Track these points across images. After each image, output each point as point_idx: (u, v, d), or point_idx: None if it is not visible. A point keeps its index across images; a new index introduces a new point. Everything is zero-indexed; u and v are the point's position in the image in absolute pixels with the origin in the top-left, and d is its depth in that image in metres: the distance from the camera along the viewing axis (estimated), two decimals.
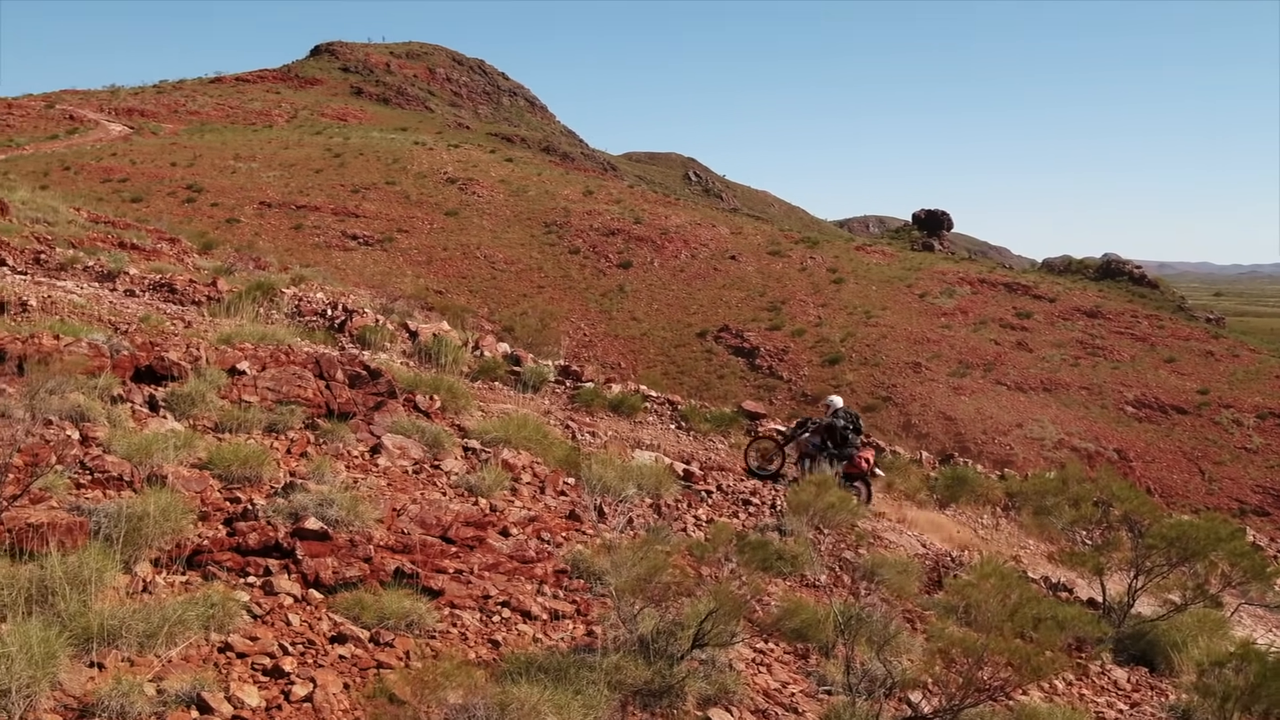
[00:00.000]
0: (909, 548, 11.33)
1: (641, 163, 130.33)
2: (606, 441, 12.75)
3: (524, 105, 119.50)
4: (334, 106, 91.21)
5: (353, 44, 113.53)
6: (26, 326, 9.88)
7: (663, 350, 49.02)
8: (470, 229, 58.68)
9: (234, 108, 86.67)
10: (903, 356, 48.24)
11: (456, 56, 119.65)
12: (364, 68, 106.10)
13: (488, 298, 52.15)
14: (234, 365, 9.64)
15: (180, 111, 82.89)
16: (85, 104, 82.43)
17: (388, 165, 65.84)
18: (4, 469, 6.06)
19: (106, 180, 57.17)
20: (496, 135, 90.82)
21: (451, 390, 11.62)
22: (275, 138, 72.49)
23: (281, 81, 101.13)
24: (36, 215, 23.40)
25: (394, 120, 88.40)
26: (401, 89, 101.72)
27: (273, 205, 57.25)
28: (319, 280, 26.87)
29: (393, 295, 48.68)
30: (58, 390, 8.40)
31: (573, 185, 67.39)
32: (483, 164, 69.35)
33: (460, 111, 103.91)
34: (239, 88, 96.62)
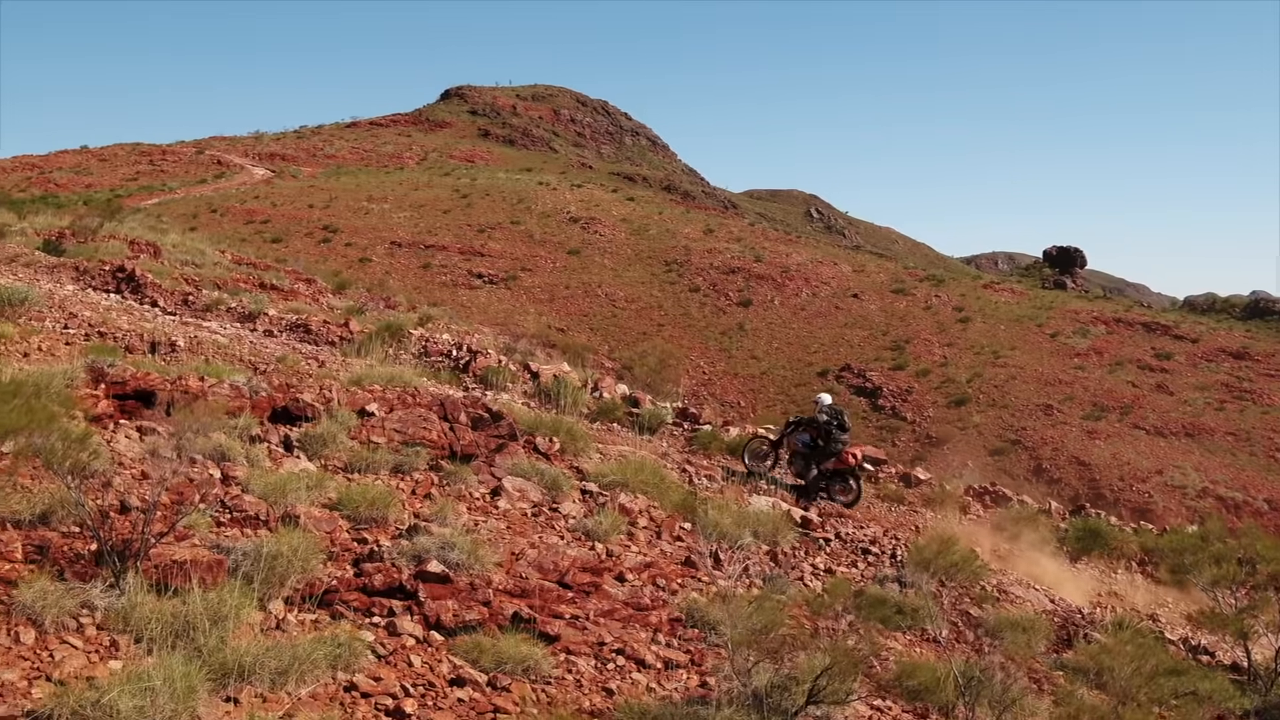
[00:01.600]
0: (1036, 603, 10.98)
1: (762, 200, 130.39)
2: (723, 486, 12.74)
3: (646, 145, 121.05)
4: (462, 148, 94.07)
5: (481, 87, 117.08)
6: (175, 368, 10.46)
7: (783, 389, 48.72)
8: (592, 267, 59.57)
9: (368, 151, 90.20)
10: (1033, 398, 46.82)
11: (580, 98, 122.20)
12: (491, 110, 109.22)
13: (608, 335, 52.79)
14: (363, 407, 10.03)
15: (318, 155, 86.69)
16: (232, 149, 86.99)
17: (513, 205, 67.42)
18: (153, 506, 6.44)
19: (249, 222, 60.07)
20: (618, 175, 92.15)
21: (571, 432, 11.81)
22: (406, 179, 75.06)
23: (413, 125, 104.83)
24: (186, 258, 24.75)
25: (519, 161, 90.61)
26: (527, 130, 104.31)
27: (403, 245, 59.18)
28: (445, 319, 27.67)
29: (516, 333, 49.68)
30: (202, 430, 8.88)
31: (693, 224, 67.82)
32: (605, 203, 70.41)
33: (583, 152, 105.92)
34: (373, 131, 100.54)
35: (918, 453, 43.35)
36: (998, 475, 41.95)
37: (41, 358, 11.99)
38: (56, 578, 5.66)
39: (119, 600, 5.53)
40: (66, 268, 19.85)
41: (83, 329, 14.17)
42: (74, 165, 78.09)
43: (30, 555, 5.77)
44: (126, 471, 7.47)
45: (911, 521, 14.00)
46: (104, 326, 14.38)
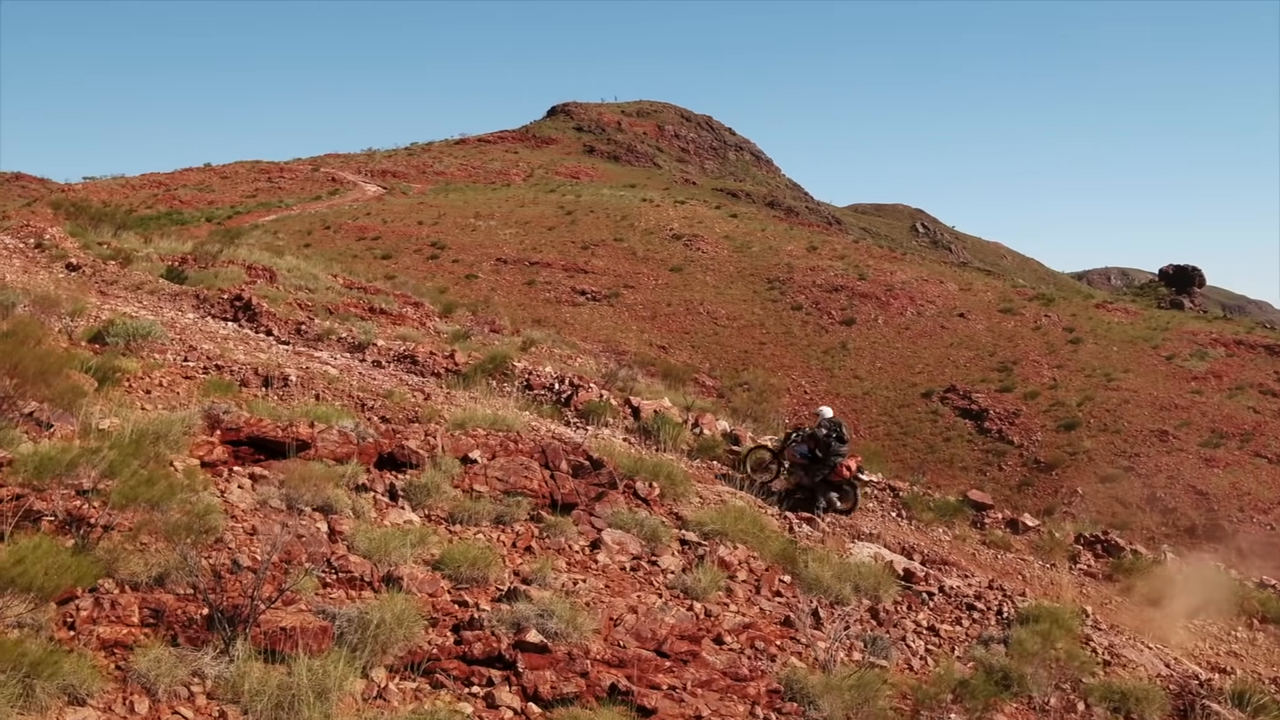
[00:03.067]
0: (1150, 667, 10.50)
1: (867, 214, 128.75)
2: (824, 534, 12.54)
3: (750, 160, 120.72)
4: (567, 165, 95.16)
5: (586, 104, 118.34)
6: (286, 410, 10.74)
7: (885, 410, 47.93)
8: (694, 285, 59.55)
9: (476, 168, 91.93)
10: (1147, 423, 45.02)
11: (685, 113, 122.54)
12: (596, 126, 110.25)
13: (709, 353, 52.69)
14: (466, 454, 10.15)
15: (428, 172, 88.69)
16: (345, 166, 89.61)
17: (616, 222, 67.86)
18: (264, 567, 6.61)
19: (361, 238, 61.70)
20: (722, 191, 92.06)
21: (670, 477, 11.78)
22: (512, 196, 76.23)
23: (520, 141, 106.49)
24: (299, 282, 25.53)
25: (623, 177, 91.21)
26: (631, 146, 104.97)
27: (508, 261, 60.03)
28: (548, 343, 27.95)
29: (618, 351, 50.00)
30: (310, 477, 9.10)
31: (796, 241, 67.30)
32: (707, 220, 70.39)
33: (687, 167, 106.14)
34: (481, 148, 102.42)
35: (1025, 478, 42.20)
36: (1109, 503, 40.51)
37: (162, 394, 12.47)
38: (170, 643, 5.84)
39: (229, 669, 5.67)
40: (188, 295, 20.65)
41: (201, 362, 14.70)
42: (197, 183, 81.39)
43: (146, 619, 5.96)
44: (238, 525, 7.68)
45: (1019, 570, 13.58)
46: (221, 360, 14.89)
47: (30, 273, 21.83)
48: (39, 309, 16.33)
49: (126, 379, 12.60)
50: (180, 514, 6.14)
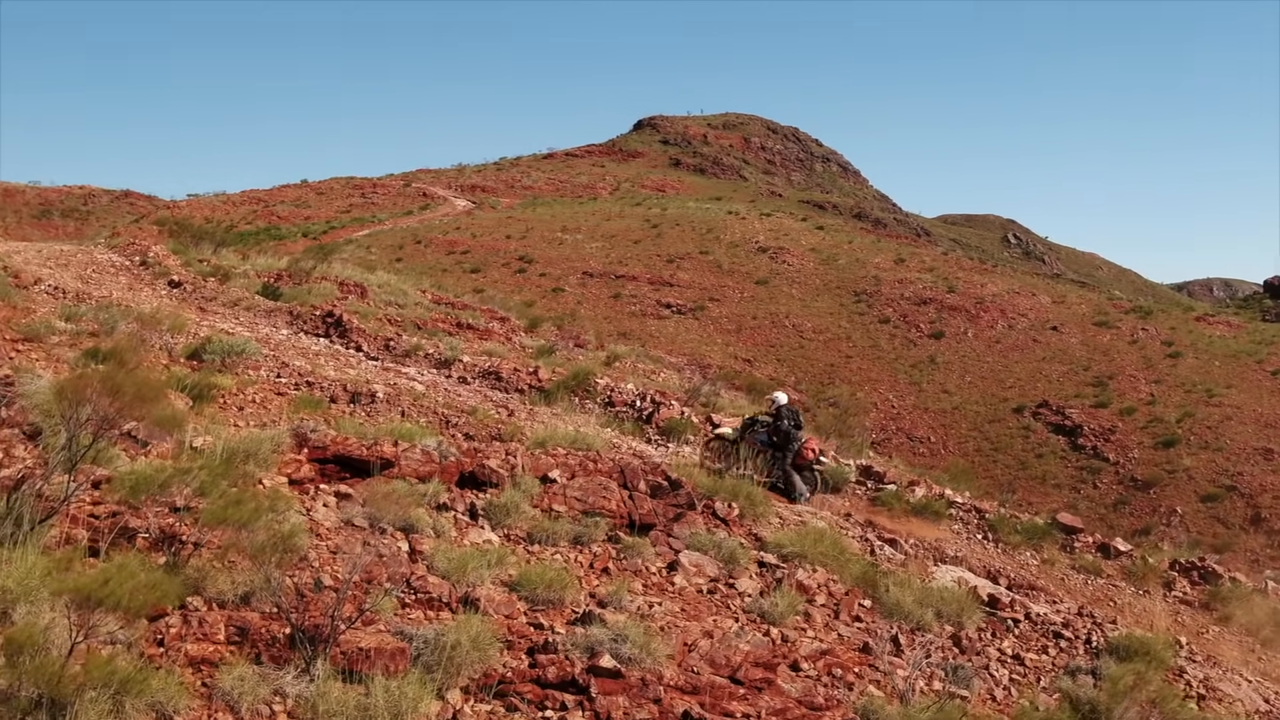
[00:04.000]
0: (1248, 702, 10.08)
1: (957, 225, 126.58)
2: (906, 556, 12.32)
3: (836, 171, 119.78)
4: (653, 178, 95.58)
5: (672, 117, 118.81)
6: (372, 428, 10.97)
7: (975, 425, 46.99)
8: (779, 298, 59.23)
9: (563, 182, 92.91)
10: (1251, 441, 43.26)
11: (771, 125, 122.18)
12: (682, 139, 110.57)
13: (795, 366, 52.33)
14: (546, 473, 10.25)
15: (516, 187, 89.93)
16: (436, 181, 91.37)
17: (701, 235, 67.87)
18: (346, 586, 6.76)
19: (451, 252, 62.78)
20: (808, 203, 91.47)
21: (750, 497, 11.71)
22: (599, 209, 76.79)
23: (606, 155, 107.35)
24: (389, 298, 26.08)
25: (709, 190, 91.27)
26: (717, 159, 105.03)
27: (594, 275, 60.45)
28: (632, 358, 28.04)
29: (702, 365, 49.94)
30: (393, 495, 9.28)
31: (884, 253, 66.46)
32: (793, 232, 69.98)
33: (773, 179, 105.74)
34: (568, 162, 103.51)
35: (1121, 496, 40.95)
36: (1210, 524, 39.01)
37: (255, 410, 12.84)
38: (254, 661, 6.00)
39: (309, 688, 5.80)
40: (282, 312, 21.25)
41: (293, 378, 15.10)
42: (295, 199, 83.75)
43: (232, 637, 6.13)
44: (322, 544, 7.86)
45: (1109, 597, 13.16)
46: (312, 376, 15.28)
47: (135, 289, 22.72)
48: (142, 326, 16.98)
49: (221, 395, 13.00)
50: (265, 536, 6.31)
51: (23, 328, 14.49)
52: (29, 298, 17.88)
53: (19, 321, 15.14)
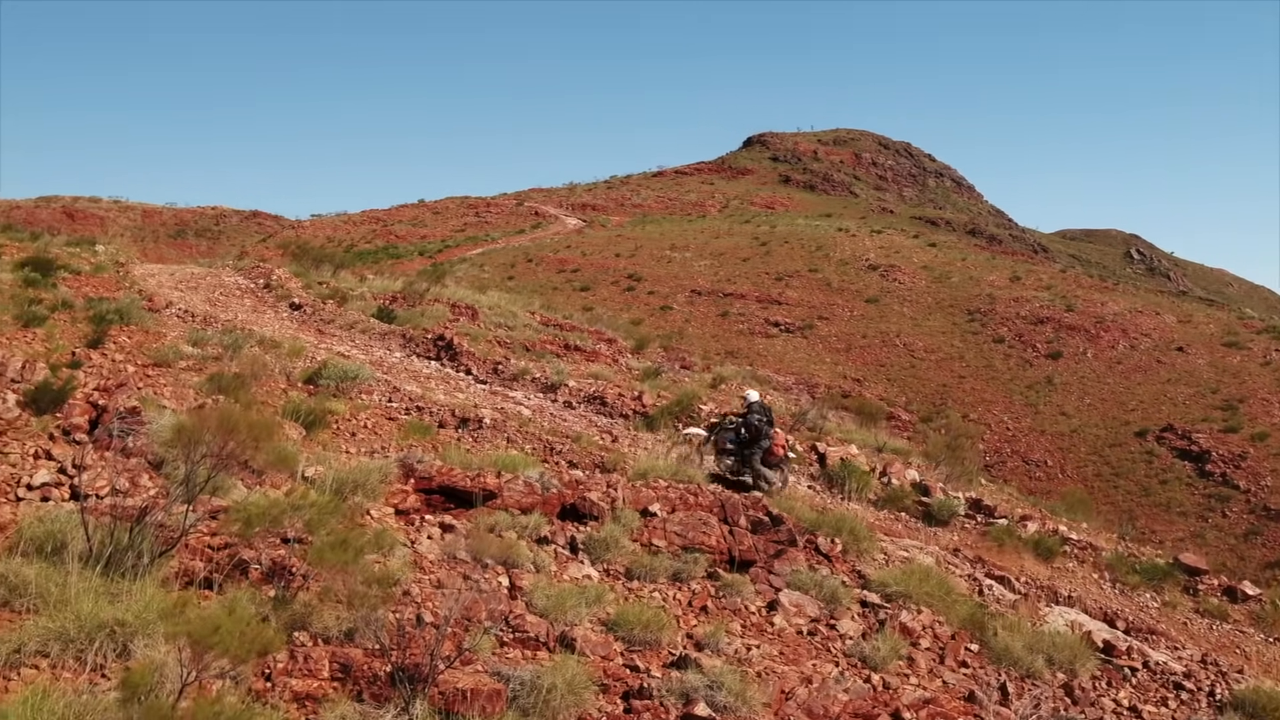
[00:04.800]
0: None
1: (1076, 240, 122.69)
2: (1017, 597, 11.93)
3: (950, 186, 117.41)
4: (762, 195, 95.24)
5: (782, 134, 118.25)
6: (476, 458, 11.15)
7: (1094, 449, 45.35)
8: (890, 316, 58.31)
9: (672, 199, 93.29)
10: None
11: (883, 140, 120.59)
12: (792, 156, 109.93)
13: (905, 387, 51.41)
14: (646, 506, 10.26)
15: (626, 205, 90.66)
16: (548, 200, 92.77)
17: (811, 253, 67.32)
18: (446, 623, 6.88)
19: (561, 271, 63.58)
20: (920, 219, 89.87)
21: (854, 532, 11.52)
22: (707, 227, 76.84)
23: (716, 173, 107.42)
24: (499, 320, 26.54)
25: (819, 207, 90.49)
26: (827, 175, 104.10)
27: (702, 293, 60.47)
28: (738, 380, 27.92)
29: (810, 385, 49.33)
30: (496, 528, 9.42)
31: (999, 270, 64.84)
32: (905, 250, 68.85)
33: (884, 195, 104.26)
34: (677, 180, 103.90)
35: (1252, 526, 39.00)
36: None
37: (367, 435, 13.19)
38: (355, 699, 6.14)
39: None
40: (395, 334, 21.81)
41: (404, 403, 15.47)
42: (411, 218, 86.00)
43: (336, 673, 6.29)
44: (425, 577, 8.02)
45: (1236, 644, 12.51)
46: (422, 401, 15.63)
47: (259, 311, 23.62)
48: (263, 350, 17.65)
49: (335, 421, 13.40)
50: (364, 579, 6.47)
51: (153, 353, 15.21)
52: (160, 321, 18.74)
53: (150, 346, 15.90)
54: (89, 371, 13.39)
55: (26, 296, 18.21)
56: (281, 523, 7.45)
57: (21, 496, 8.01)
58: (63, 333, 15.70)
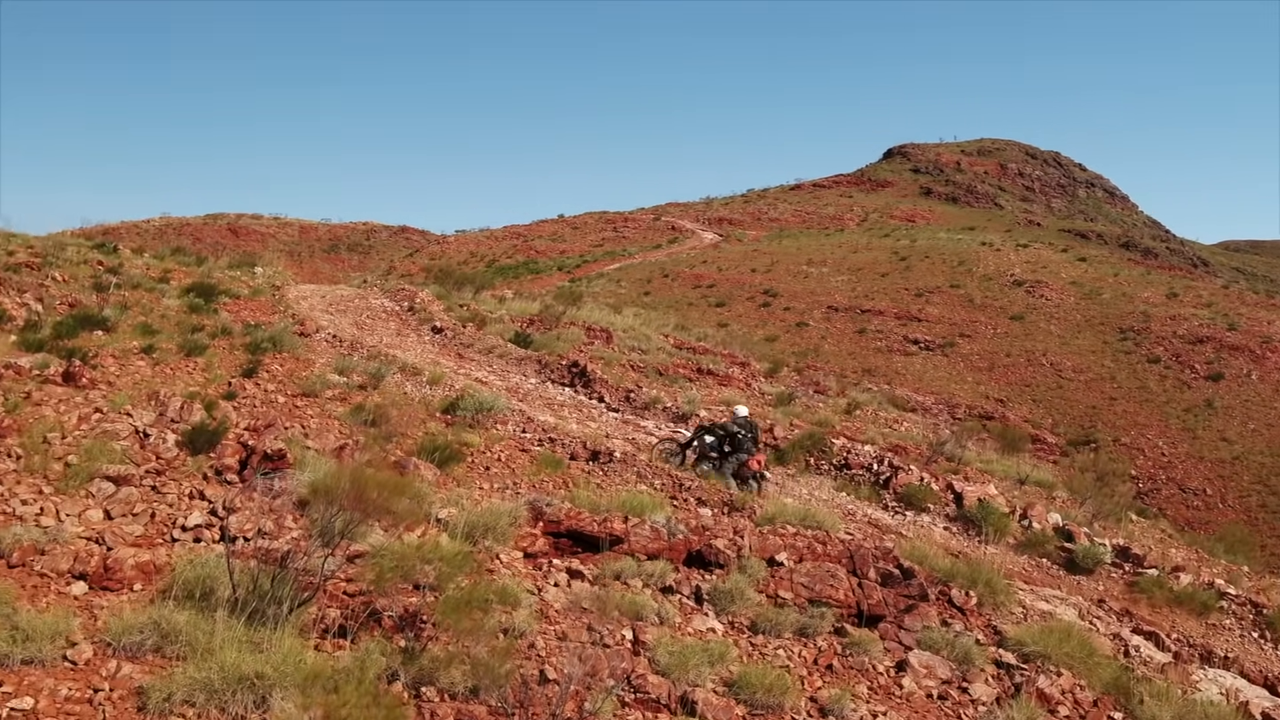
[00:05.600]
0: None
1: (1241, 252, 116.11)
2: (1166, 659, 11.31)
3: (1101, 197, 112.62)
4: (903, 208, 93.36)
5: (924, 145, 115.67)
6: (605, 498, 11.24)
7: (1259, 478, 42.73)
8: (1036, 334, 56.32)
9: (809, 213, 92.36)
10: None
11: (1030, 150, 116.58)
12: (934, 168, 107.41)
13: (1051, 408, 49.55)
14: (773, 555, 10.16)
15: (762, 219, 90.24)
16: (684, 215, 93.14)
17: (952, 268, 65.65)
18: (569, 681, 6.96)
19: (696, 286, 63.68)
20: (1069, 232, 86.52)
21: (990, 584, 11.13)
22: (845, 241, 75.79)
23: (854, 185, 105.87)
24: (633, 343, 26.76)
25: (961, 220, 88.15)
26: (971, 187, 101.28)
27: (839, 309, 59.65)
28: (874, 405, 27.43)
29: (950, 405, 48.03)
30: (622, 575, 9.49)
31: (1154, 286, 61.87)
32: (1052, 264, 66.42)
33: (1031, 207, 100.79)
34: (815, 193, 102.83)
35: None
36: None
37: (500, 469, 13.47)
38: None
39: None
40: (531, 360, 22.22)
41: (537, 434, 15.74)
42: (551, 233, 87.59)
43: None
44: (550, 629, 8.13)
45: None
46: (555, 431, 15.87)
47: (402, 335, 24.44)
48: (405, 377, 18.24)
49: (470, 453, 13.74)
50: (490, 647, 6.59)
51: (302, 382, 15.89)
52: (310, 347, 19.57)
53: (300, 375, 16.62)
54: (242, 404, 14.09)
55: (190, 323, 19.30)
56: (413, 574, 7.67)
57: (176, 538, 8.47)
58: (221, 361, 16.56)
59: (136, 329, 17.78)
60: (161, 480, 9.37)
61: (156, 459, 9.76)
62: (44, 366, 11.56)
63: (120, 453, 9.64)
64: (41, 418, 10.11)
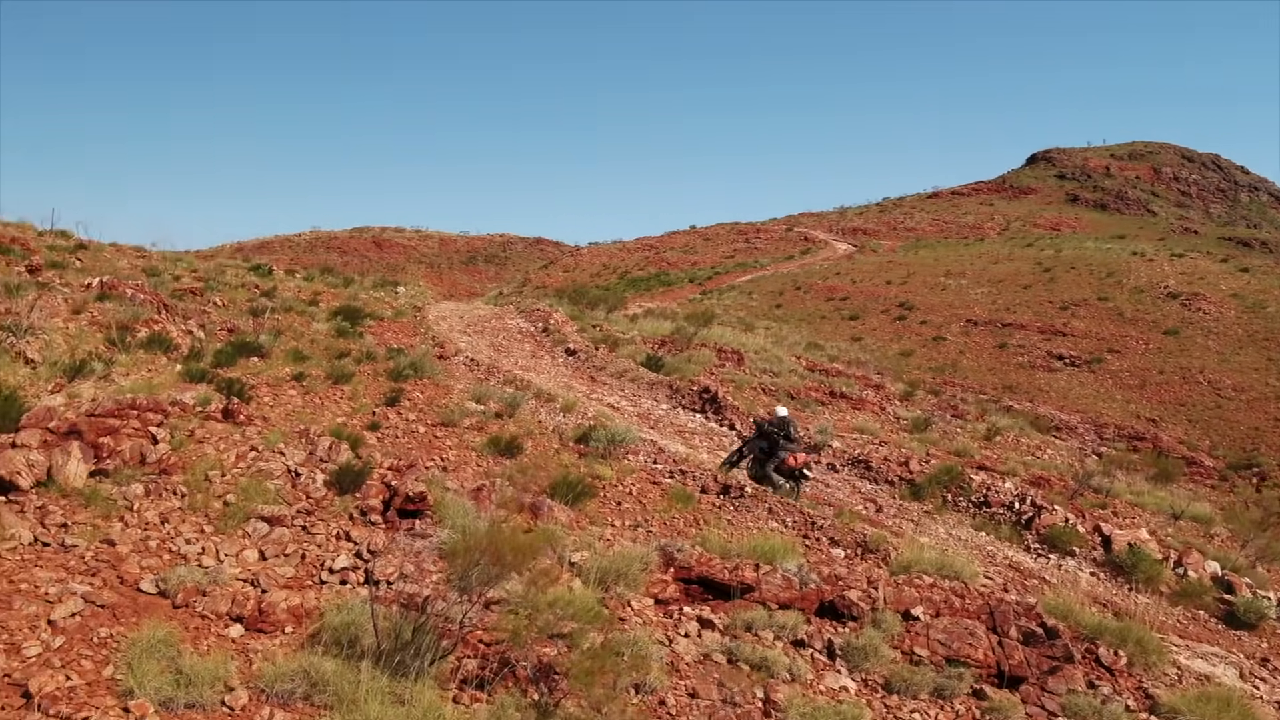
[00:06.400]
0: None
1: None
2: None
3: (1267, 201, 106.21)
4: (1047, 216, 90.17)
5: (1070, 149, 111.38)
6: (735, 543, 11.18)
7: None
8: (1192, 350, 53.59)
9: (948, 222, 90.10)
10: None
11: (1186, 153, 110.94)
12: (1081, 173, 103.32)
13: (1209, 429, 47.02)
14: (909, 609, 9.92)
15: (898, 229, 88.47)
16: (817, 225, 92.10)
17: (1100, 279, 63.10)
18: None
19: (829, 299, 62.89)
20: (1230, 240, 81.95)
21: (1141, 642, 10.61)
22: (985, 252, 73.69)
23: (995, 193, 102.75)
24: (765, 365, 26.62)
25: (1110, 227, 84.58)
26: (1120, 193, 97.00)
27: (978, 323, 58.01)
28: (1014, 432, 26.59)
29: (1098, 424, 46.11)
30: (753, 627, 9.42)
31: None
32: (1210, 275, 63.11)
33: (1187, 213, 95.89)
34: (954, 201, 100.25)
35: None
36: None
37: (632, 504, 13.56)
38: None
39: None
40: (662, 385, 22.32)
41: (668, 465, 15.79)
42: (682, 245, 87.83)
43: None
44: (681, 683, 8.13)
45: None
46: (686, 463, 15.90)
47: (537, 357, 24.88)
48: (540, 404, 18.56)
49: (602, 487, 13.89)
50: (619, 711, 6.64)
51: (441, 411, 16.35)
52: (449, 371, 20.12)
53: (439, 402, 17.10)
54: (385, 434, 14.58)
55: (337, 348, 20.09)
56: (549, 629, 7.80)
57: (324, 580, 8.82)
58: (365, 388, 17.17)
59: (288, 355, 18.60)
60: (311, 520, 9.76)
61: (306, 498, 10.18)
62: (206, 403, 12.19)
63: (274, 492, 10.09)
64: (203, 455, 10.67)
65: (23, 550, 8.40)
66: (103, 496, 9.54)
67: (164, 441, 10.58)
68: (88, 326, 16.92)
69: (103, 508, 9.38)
